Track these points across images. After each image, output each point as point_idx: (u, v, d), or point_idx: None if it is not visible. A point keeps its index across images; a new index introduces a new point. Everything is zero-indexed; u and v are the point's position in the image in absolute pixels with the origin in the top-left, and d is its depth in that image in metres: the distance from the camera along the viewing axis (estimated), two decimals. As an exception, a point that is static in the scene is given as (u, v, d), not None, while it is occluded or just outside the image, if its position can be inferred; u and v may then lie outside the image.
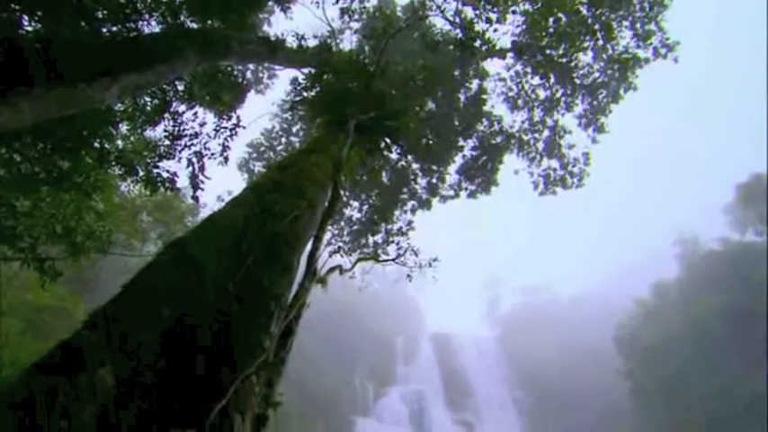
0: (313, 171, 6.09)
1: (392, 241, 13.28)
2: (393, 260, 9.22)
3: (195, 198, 11.94)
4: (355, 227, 17.42)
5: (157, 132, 11.65)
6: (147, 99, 11.12)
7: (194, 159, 11.53)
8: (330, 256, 8.47)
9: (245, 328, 3.13)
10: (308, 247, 5.04)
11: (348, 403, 36.85)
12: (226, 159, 12.01)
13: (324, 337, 41.83)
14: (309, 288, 4.31)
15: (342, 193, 6.06)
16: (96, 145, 9.67)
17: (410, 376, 42.66)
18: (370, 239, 16.50)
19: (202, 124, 11.65)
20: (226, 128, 11.69)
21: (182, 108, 11.57)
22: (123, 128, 11.33)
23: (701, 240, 43.86)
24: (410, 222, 16.67)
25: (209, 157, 11.68)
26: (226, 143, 11.66)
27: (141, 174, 11.26)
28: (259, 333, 3.18)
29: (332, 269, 5.33)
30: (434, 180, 17.10)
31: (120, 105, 10.70)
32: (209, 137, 11.57)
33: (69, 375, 2.27)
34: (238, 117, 11.89)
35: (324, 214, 5.47)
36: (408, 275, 9.79)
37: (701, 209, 52.69)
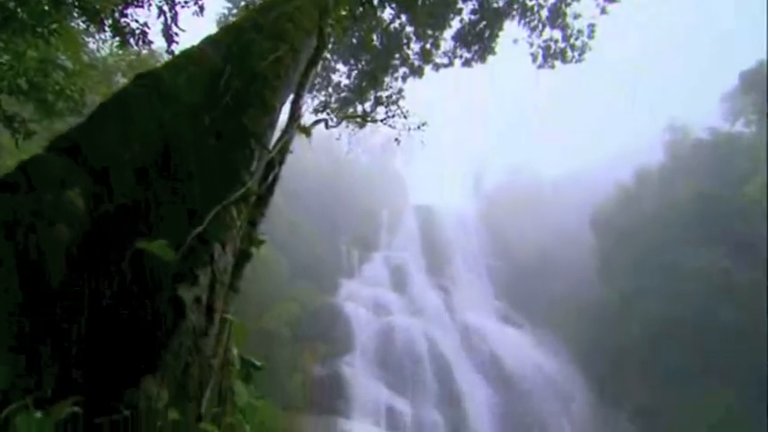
0: (296, 15, 5.52)
1: (382, 103, 12.83)
2: (381, 121, 8.98)
3: (170, 53, 11.14)
4: (343, 93, 16.70)
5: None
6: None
7: (165, 8, 10.51)
8: (317, 113, 8.22)
9: (224, 162, 3.01)
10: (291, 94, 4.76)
11: (334, 267, 39.17)
12: (201, 9, 10.96)
13: (311, 208, 42.94)
14: (293, 134, 4.13)
15: (328, 41, 5.58)
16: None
17: (393, 244, 44.89)
18: (359, 107, 15.95)
19: (173, -36, 10.40)
20: (199, -31, 10.47)
21: (146, -54, 10.23)
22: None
23: (691, 129, 43.61)
24: (400, 90, 15.99)
25: (183, 5, 10.65)
26: (200, -12, 10.54)
27: (108, 24, 10.37)
28: (238, 167, 3.07)
29: (317, 121, 5.12)
30: (428, 46, 16.05)
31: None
32: (181, -21, 10.40)
33: (31, 194, 2.15)
34: (213, -43, 10.58)
35: (308, 61, 5.07)
36: (396, 139, 9.61)
37: (702, 97, 51.48)
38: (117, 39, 10.59)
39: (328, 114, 9.10)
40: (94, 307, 2.03)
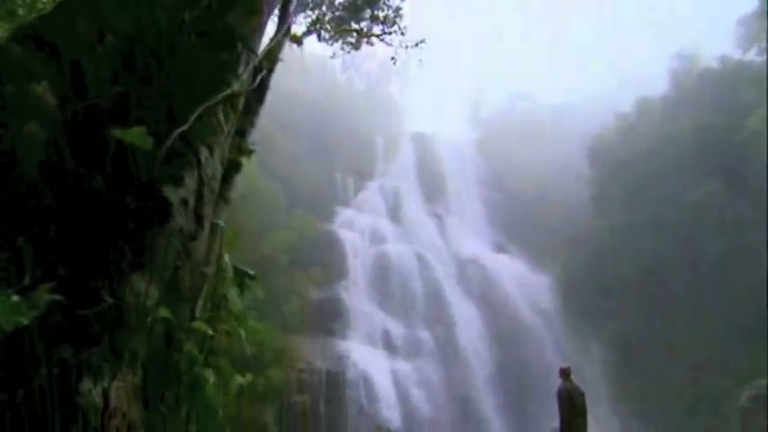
0: None
1: (379, 21, 12.13)
2: (377, 36, 8.54)
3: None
4: (338, 12, 15.71)
5: None
6: None
7: None
8: (307, 29, 7.78)
9: (208, 63, 2.80)
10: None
11: (329, 195, 39.15)
12: None
13: (306, 136, 42.08)
14: (282, 42, 3.86)
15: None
16: None
17: (388, 172, 44.58)
18: (354, 26, 15.07)
19: None
20: None
21: None
22: None
23: (700, 58, 41.80)
24: (398, 9, 15.04)
25: None
26: None
27: None
28: (223, 69, 2.87)
29: (310, 31, 4.79)
30: (430, -42, 14.89)
31: None
32: None
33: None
34: None
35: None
36: (393, 58, 9.20)
37: (719, 23, 48.39)
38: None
39: (322, 31, 8.54)
40: (73, 204, 1.95)
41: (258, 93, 3.39)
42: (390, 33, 8.69)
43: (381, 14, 15.32)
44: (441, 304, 30.95)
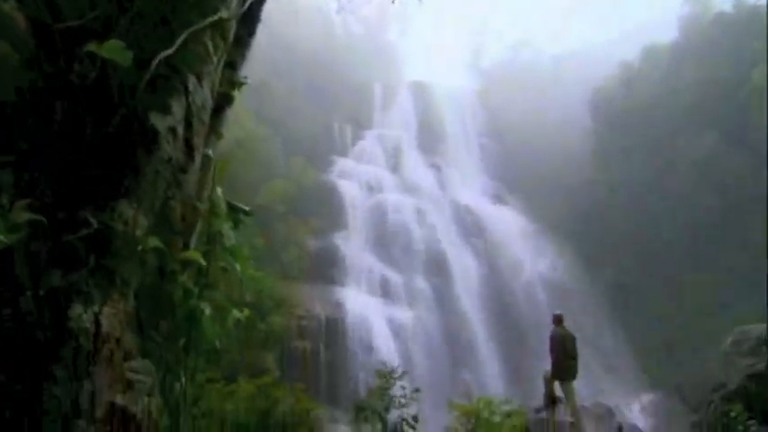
0: None
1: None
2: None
3: None
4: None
5: None
6: None
7: None
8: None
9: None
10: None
11: (327, 144, 38.73)
12: None
13: (302, 83, 41.10)
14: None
15: None
16: None
17: (387, 122, 43.89)
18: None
19: None
20: None
21: None
22: None
23: (714, 2, 39.93)
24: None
25: None
26: None
27: None
28: (212, -4, 2.68)
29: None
30: None
31: None
32: None
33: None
34: None
35: None
36: (392, -1, 8.73)
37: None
38: None
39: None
40: (54, 130, 1.86)
41: (248, 23, 3.21)
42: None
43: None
44: (438, 254, 31.32)
